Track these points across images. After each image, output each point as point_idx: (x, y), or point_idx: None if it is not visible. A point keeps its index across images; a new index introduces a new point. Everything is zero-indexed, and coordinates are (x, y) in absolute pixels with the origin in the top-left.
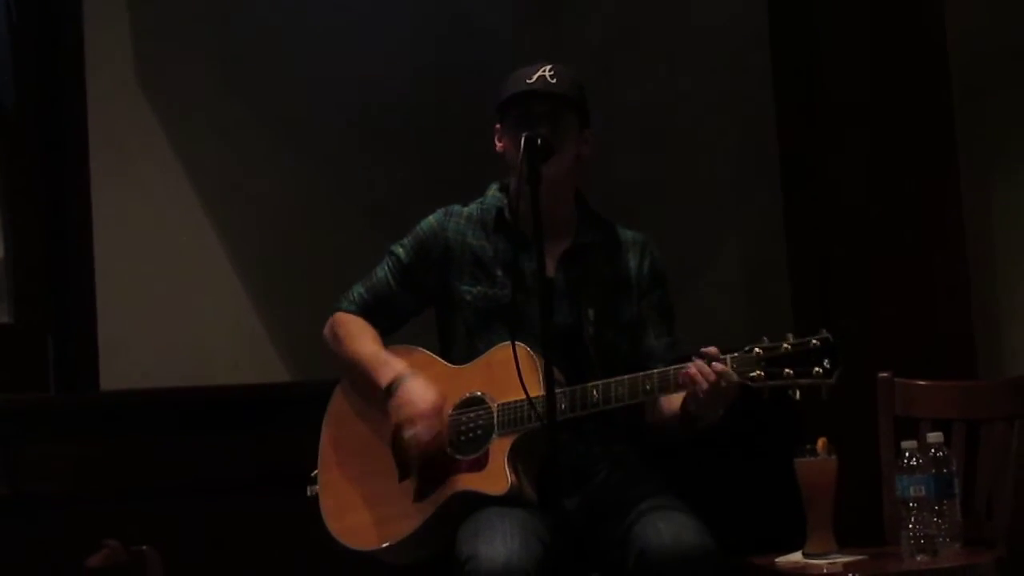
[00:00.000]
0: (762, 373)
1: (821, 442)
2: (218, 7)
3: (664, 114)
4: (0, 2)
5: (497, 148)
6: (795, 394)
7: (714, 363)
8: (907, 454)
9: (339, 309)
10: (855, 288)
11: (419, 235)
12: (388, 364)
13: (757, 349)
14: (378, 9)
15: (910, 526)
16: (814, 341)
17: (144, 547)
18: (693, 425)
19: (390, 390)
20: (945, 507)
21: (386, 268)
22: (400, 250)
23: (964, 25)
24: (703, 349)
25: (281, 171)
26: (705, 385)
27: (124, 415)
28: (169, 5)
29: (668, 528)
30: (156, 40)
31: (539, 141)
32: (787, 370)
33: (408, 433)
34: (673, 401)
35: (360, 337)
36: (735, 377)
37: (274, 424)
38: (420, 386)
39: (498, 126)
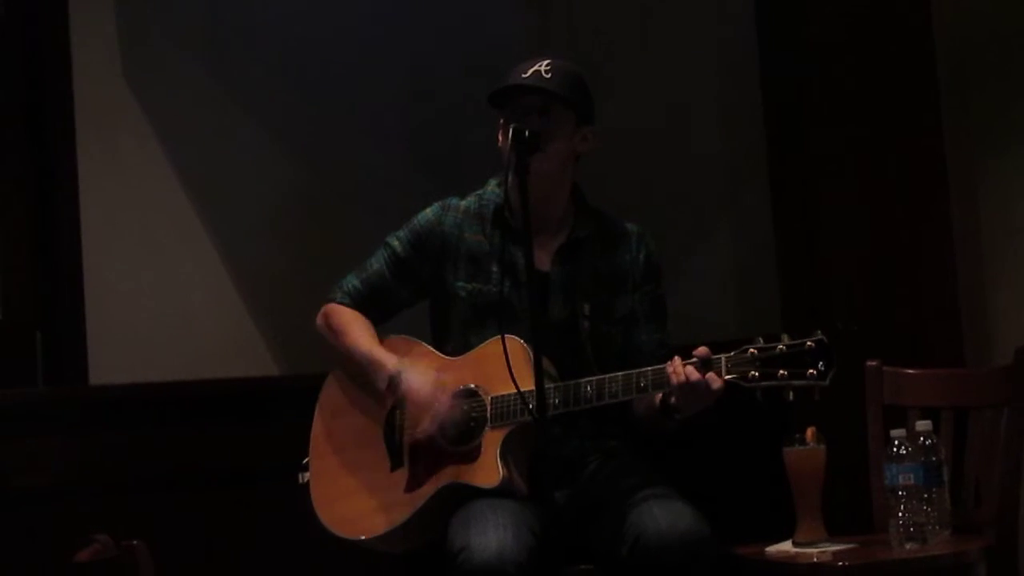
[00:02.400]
0: (756, 373)
1: (810, 431)
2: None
3: (653, 112)
4: None
5: (500, 143)
6: (788, 395)
7: (688, 367)
8: (896, 442)
9: (332, 300)
10: (844, 279)
11: (416, 228)
12: (381, 363)
13: (752, 349)
14: (374, 2)
15: (899, 514)
16: (809, 343)
17: (134, 541)
18: (672, 418)
19: (392, 388)
20: (934, 495)
21: (382, 259)
22: (396, 242)
23: (950, 16)
24: (695, 351)
25: (271, 165)
26: (676, 384)
27: (112, 409)
28: None
29: (664, 514)
30: (142, 33)
31: (526, 133)
32: (781, 371)
33: (425, 425)
34: (654, 395)
35: (353, 331)
36: (717, 386)
37: (263, 418)
38: (418, 375)
39: (502, 120)
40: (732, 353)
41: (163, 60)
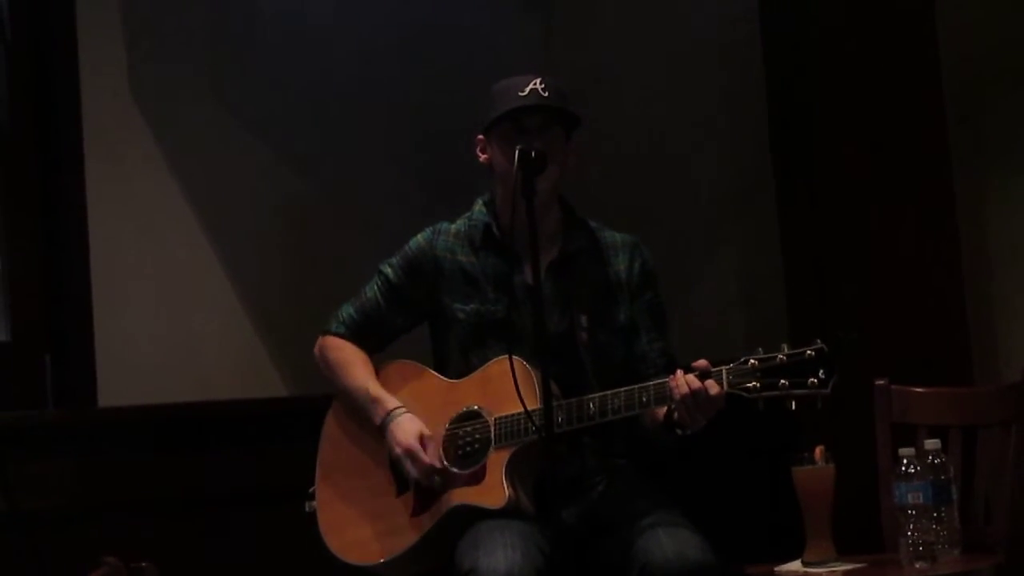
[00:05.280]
0: (757, 384)
1: (818, 450)
2: (211, 17)
3: (659, 123)
4: None
5: (481, 159)
6: (790, 405)
7: (688, 376)
8: (904, 461)
9: (328, 332)
10: (851, 296)
11: (408, 255)
12: (377, 403)
13: (752, 360)
14: (373, 15)
15: (908, 533)
16: (809, 352)
17: (143, 563)
18: (674, 434)
19: (381, 430)
20: (943, 513)
21: (375, 287)
22: (389, 269)
23: (956, 38)
24: (693, 364)
25: (279, 186)
26: (679, 396)
27: (122, 432)
28: (162, 17)
29: (671, 543)
30: (150, 53)
31: (533, 154)
32: (782, 381)
33: (407, 470)
34: (660, 409)
35: (350, 367)
36: (715, 392)
37: (272, 439)
38: (405, 423)
39: (481, 137)
40: (732, 364)
41: (170, 82)
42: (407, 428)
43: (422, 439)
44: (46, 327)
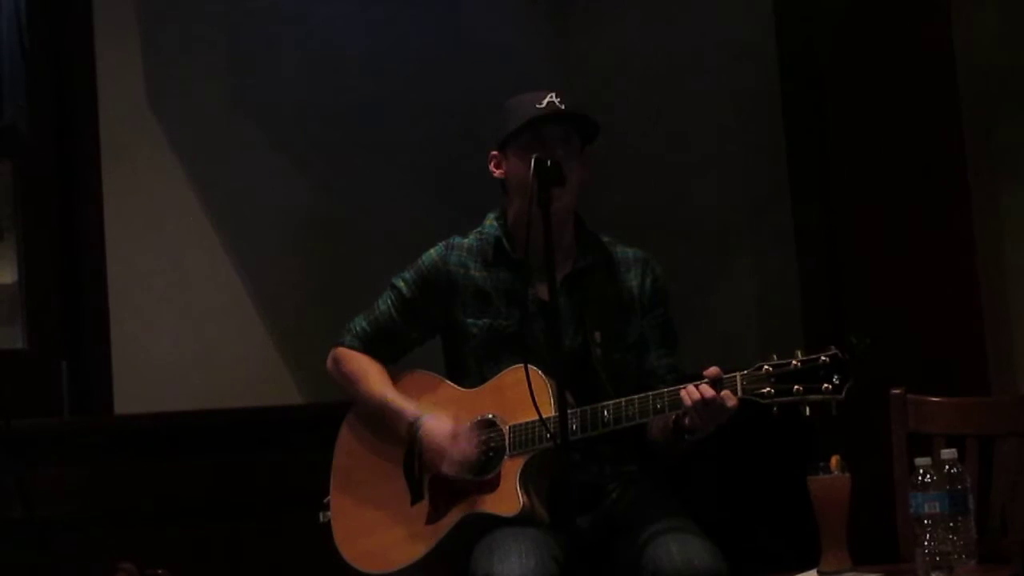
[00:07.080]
0: (772, 390)
1: (834, 459)
2: (230, 28)
3: (674, 131)
4: (13, 28)
5: (496, 174)
6: (805, 410)
7: (702, 386)
8: (921, 470)
9: (342, 344)
10: (867, 304)
11: (421, 269)
12: (401, 410)
13: (767, 366)
14: (386, 28)
15: (925, 543)
16: (823, 357)
17: (159, 571)
18: (684, 439)
19: (411, 435)
20: (960, 523)
21: (388, 301)
22: (401, 283)
23: (971, 38)
24: (705, 371)
25: (295, 194)
26: (691, 402)
27: (138, 439)
28: (180, 28)
29: (681, 551)
30: (168, 64)
31: (548, 163)
32: (797, 386)
33: (443, 468)
34: (667, 416)
35: (367, 377)
36: (728, 398)
37: (288, 446)
38: (435, 423)
39: (495, 153)
40: (746, 371)
41: (187, 90)
42: (440, 427)
43: (455, 435)
44: (63, 334)
